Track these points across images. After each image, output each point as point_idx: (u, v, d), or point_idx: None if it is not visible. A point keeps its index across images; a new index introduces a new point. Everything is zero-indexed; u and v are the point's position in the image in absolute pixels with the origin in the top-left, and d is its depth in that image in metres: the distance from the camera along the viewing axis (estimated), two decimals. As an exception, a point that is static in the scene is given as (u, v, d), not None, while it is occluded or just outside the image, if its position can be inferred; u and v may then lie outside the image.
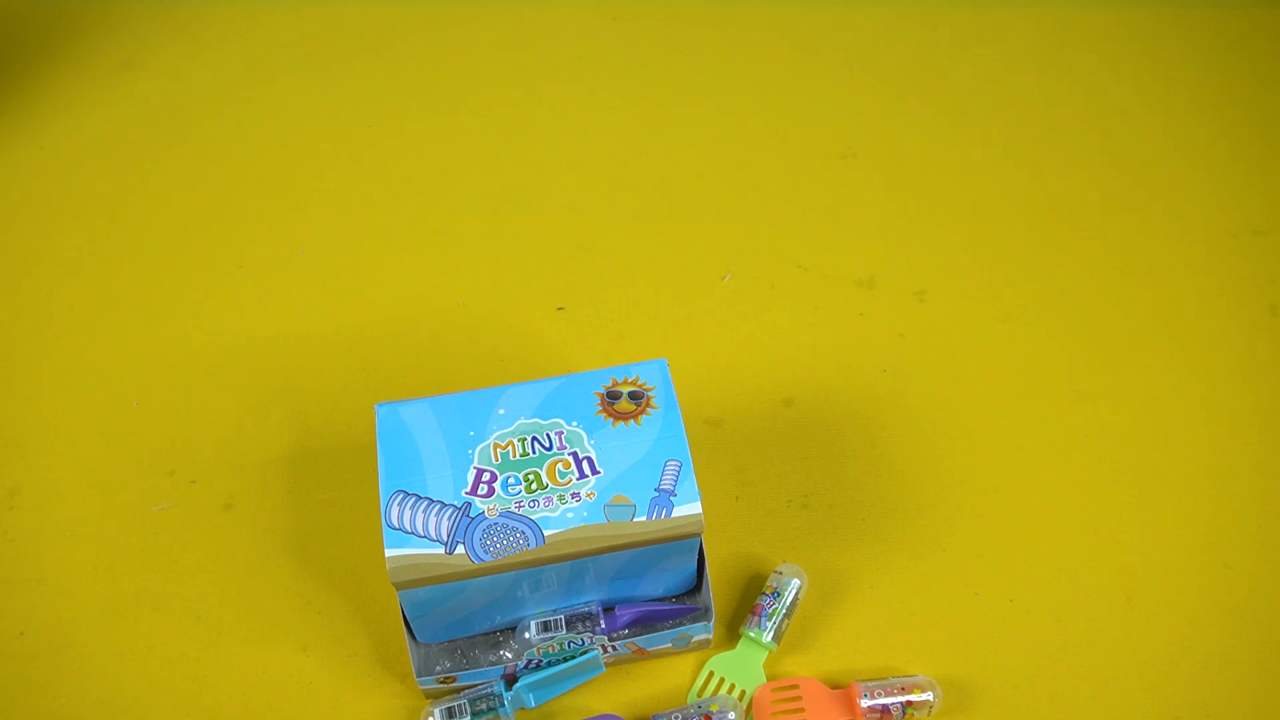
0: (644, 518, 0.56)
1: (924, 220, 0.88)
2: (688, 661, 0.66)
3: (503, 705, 0.62)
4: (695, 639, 0.65)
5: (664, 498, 0.57)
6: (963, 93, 0.98)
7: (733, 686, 0.65)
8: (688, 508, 0.56)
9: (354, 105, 0.98)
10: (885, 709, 0.62)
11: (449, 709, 0.62)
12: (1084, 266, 0.85)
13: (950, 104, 0.97)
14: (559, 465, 0.57)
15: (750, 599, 0.68)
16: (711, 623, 0.64)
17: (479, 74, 1.00)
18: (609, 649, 0.63)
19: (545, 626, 0.62)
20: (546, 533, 0.55)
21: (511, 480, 0.57)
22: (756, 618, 0.65)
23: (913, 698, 0.62)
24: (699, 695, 0.65)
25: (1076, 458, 0.74)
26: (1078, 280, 0.84)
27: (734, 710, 0.62)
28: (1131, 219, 0.88)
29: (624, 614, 0.63)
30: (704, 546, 0.62)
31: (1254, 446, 0.75)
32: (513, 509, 0.56)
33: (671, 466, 0.57)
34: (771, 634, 0.65)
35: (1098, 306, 0.82)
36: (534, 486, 0.57)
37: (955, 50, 1.01)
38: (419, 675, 0.62)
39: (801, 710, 0.63)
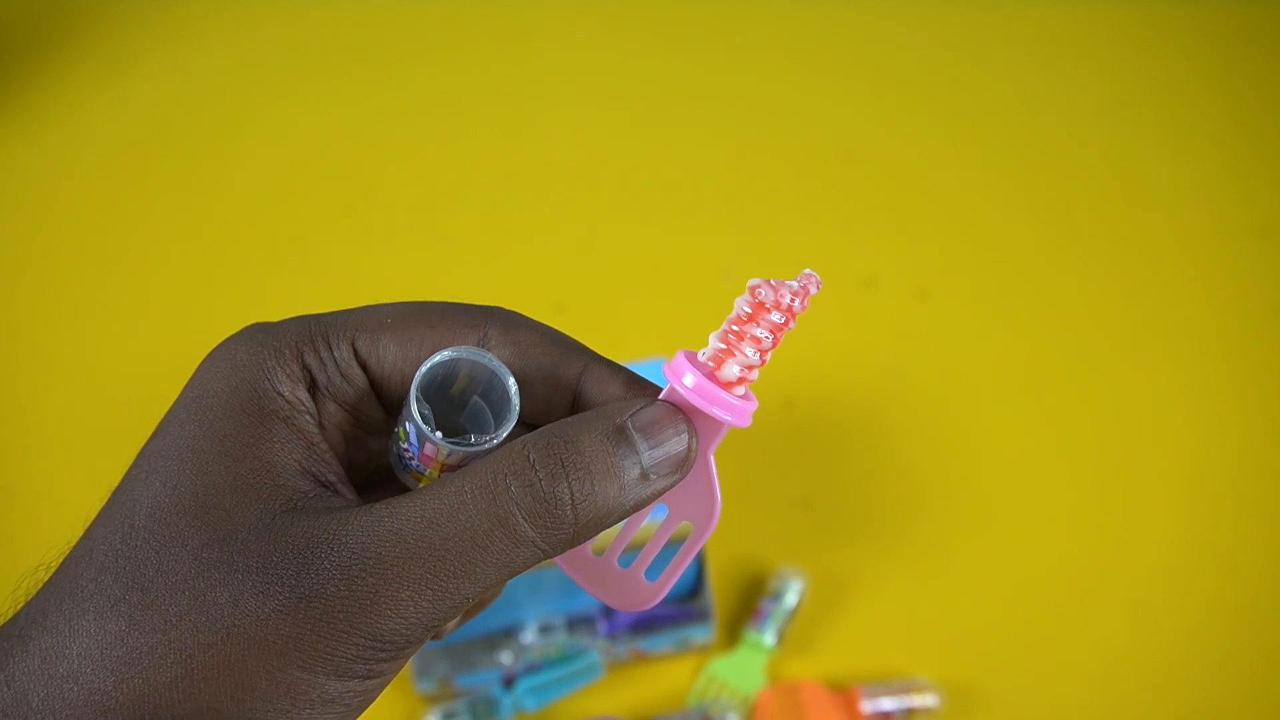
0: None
1: (926, 220, 0.88)
2: (688, 664, 0.66)
3: (501, 709, 0.62)
4: (695, 642, 0.64)
5: (664, 499, 0.56)
6: (964, 92, 0.97)
7: (734, 689, 0.64)
8: (688, 509, 0.56)
9: (352, 105, 0.97)
10: (887, 713, 0.62)
11: (447, 712, 0.62)
12: (1088, 267, 0.84)
13: (951, 104, 0.96)
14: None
15: (751, 601, 0.67)
16: (712, 625, 0.63)
17: (479, 74, 1.00)
18: (608, 652, 0.63)
19: (544, 629, 0.61)
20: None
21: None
22: (757, 620, 0.65)
23: (915, 701, 0.62)
24: (699, 698, 0.64)
25: (1081, 459, 0.74)
26: (1081, 280, 0.84)
27: (735, 713, 0.62)
28: (1135, 219, 0.88)
29: (624, 616, 0.63)
30: (704, 548, 0.62)
31: (1261, 448, 0.74)
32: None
33: (671, 468, 0.57)
34: (772, 637, 0.64)
35: (1101, 307, 0.82)
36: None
37: (956, 50, 1.01)
38: (417, 678, 0.62)
39: (803, 714, 0.62)
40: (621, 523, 0.27)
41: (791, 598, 0.65)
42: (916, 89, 0.98)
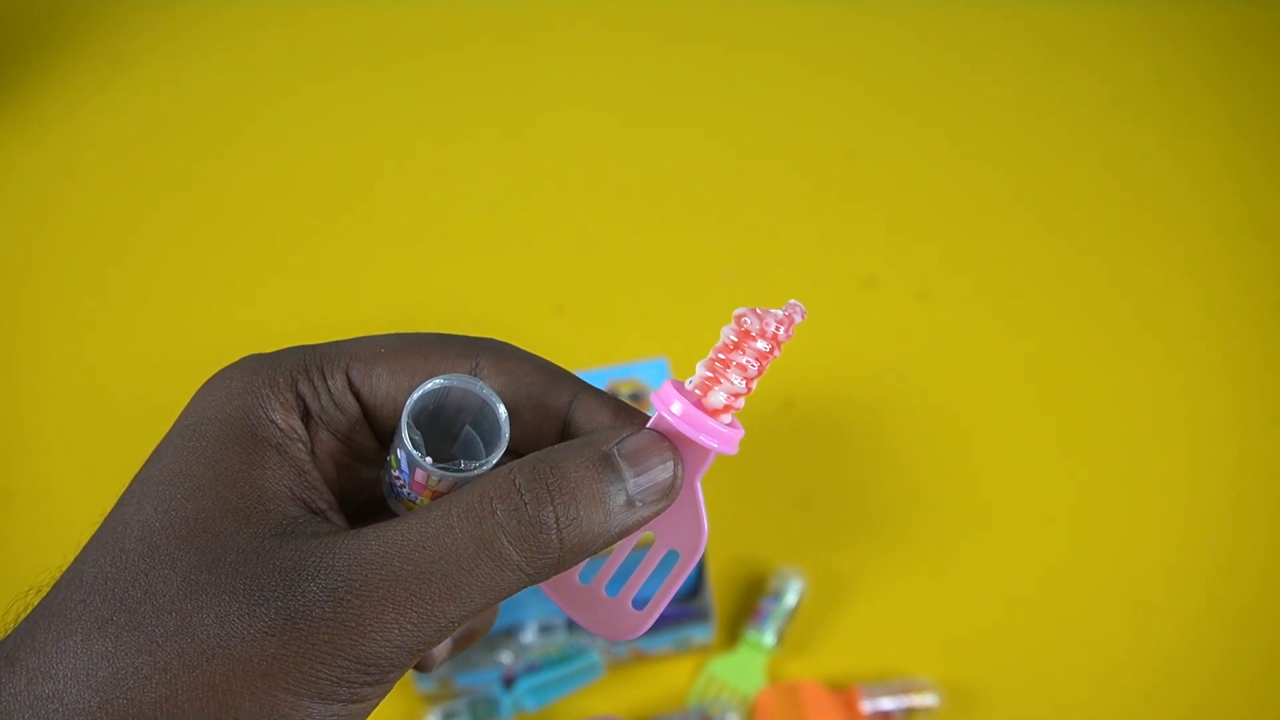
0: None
1: (926, 220, 0.88)
2: (688, 664, 0.66)
3: (501, 709, 0.62)
4: (695, 641, 0.64)
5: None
6: (964, 93, 0.97)
7: (734, 689, 0.64)
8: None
9: (353, 105, 0.97)
10: (887, 713, 0.61)
11: (447, 712, 0.62)
12: (1088, 267, 0.84)
13: (951, 104, 0.96)
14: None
15: (751, 601, 0.67)
16: (712, 625, 0.63)
17: (479, 74, 1.00)
18: (608, 652, 0.63)
19: (544, 629, 0.61)
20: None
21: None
22: (757, 620, 0.65)
23: (915, 701, 0.62)
24: (699, 698, 0.64)
25: (1080, 459, 0.74)
26: (1081, 280, 0.83)
27: (735, 713, 0.62)
28: (1135, 219, 0.87)
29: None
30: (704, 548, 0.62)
31: (1261, 448, 0.74)
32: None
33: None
34: (772, 636, 0.64)
35: (1101, 307, 0.82)
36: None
37: (956, 50, 1.01)
38: (417, 678, 0.62)
39: (803, 714, 0.62)
40: (609, 551, 0.27)
41: (791, 598, 0.65)
42: (916, 89, 0.98)
